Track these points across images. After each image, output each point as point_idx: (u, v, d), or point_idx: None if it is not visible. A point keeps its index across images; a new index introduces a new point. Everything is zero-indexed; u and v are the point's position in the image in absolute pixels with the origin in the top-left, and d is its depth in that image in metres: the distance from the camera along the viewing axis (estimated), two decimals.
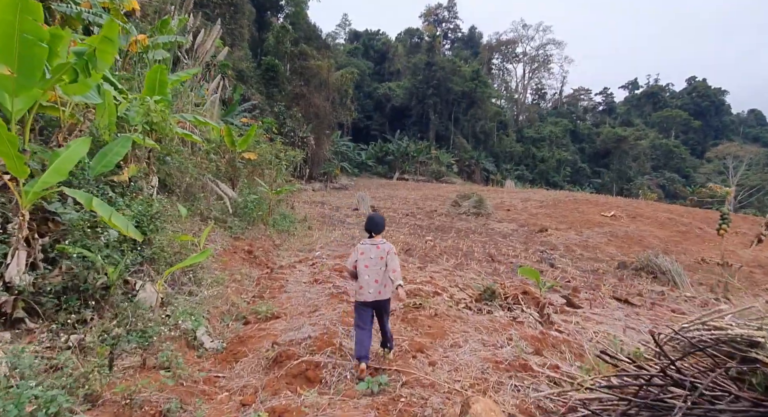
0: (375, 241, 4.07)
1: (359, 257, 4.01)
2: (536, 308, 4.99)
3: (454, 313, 4.81)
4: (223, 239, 7.13)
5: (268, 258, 7.75)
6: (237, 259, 6.76)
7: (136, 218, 4.26)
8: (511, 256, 12.72)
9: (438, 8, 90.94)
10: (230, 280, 5.74)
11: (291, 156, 13.08)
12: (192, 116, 6.37)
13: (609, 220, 22.74)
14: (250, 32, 47.18)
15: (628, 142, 75.92)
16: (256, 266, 7.06)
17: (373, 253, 3.99)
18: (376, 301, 3.94)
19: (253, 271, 6.71)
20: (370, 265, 3.95)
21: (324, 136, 40.01)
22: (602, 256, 17.13)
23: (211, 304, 4.76)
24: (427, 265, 8.99)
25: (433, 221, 21.62)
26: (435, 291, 5.76)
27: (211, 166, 8.94)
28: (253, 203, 9.03)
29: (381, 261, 3.96)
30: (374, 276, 3.93)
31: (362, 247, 4.05)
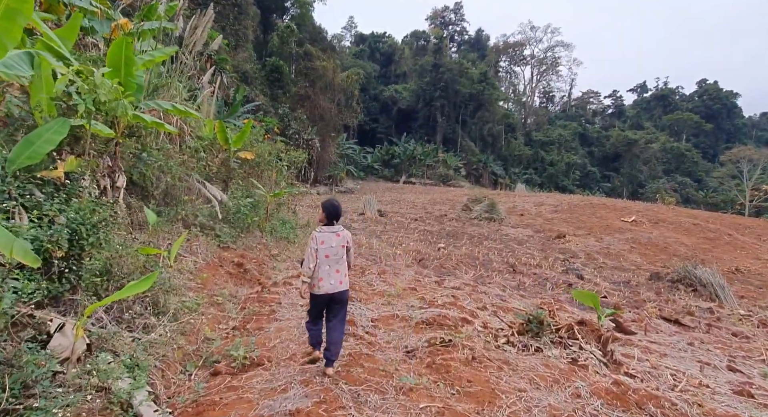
0: (334, 228, 3.77)
1: (319, 247, 3.65)
2: (597, 344, 3.88)
3: (497, 355, 3.65)
4: (208, 250, 6.09)
5: (261, 272, 6.68)
6: (222, 274, 5.69)
7: (70, 227, 3.20)
8: (532, 266, 11.57)
9: (444, 11, 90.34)
10: (208, 303, 4.66)
11: (293, 156, 12.02)
12: (170, 104, 5.32)
13: (630, 225, 21.51)
14: (254, 34, 46.48)
15: (639, 145, 74.66)
16: (246, 283, 5.99)
17: (334, 241, 3.72)
18: (338, 293, 3.71)
19: (240, 290, 5.64)
20: (331, 255, 3.68)
21: (329, 138, 39.04)
22: (627, 264, 15.94)
23: (173, 343, 3.59)
24: (444, 278, 7.88)
25: (444, 226, 20.50)
26: (463, 317, 4.66)
27: (199, 166, 7.90)
28: (248, 207, 7.97)
29: (342, 249, 3.74)
30: (335, 266, 3.70)
31: (321, 236, 3.70)
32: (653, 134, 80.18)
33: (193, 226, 6.49)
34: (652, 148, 75.45)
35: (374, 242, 12.02)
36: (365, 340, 3.92)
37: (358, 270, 7.08)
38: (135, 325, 3.54)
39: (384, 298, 5.43)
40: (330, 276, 3.67)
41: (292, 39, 37.29)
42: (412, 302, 5.14)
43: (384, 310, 4.99)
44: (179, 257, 5.32)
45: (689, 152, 78.82)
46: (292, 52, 38.07)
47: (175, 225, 6.14)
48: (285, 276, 6.95)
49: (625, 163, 75.67)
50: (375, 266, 8.01)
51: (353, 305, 5.03)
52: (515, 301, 6.38)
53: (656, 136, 79.76)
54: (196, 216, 6.66)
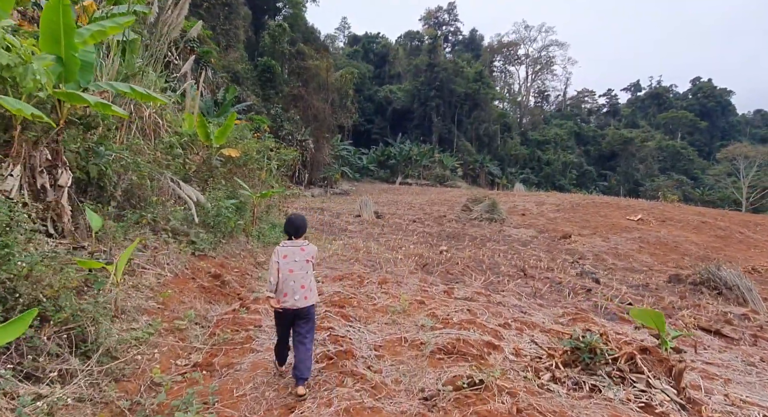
0: (297, 243, 3.72)
1: (281, 261, 3.60)
2: (668, 377, 3.03)
3: (547, 403, 2.69)
4: (179, 260, 5.18)
5: (243, 283, 5.78)
6: (192, 289, 4.77)
7: None
8: (543, 270, 10.73)
9: (438, 11, 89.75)
10: (167, 330, 3.74)
11: (284, 155, 11.12)
12: (127, 86, 4.42)
13: (636, 224, 20.75)
14: (246, 34, 45.55)
15: (635, 143, 74.35)
16: (222, 299, 5.07)
17: (297, 256, 3.64)
18: (303, 308, 3.57)
19: (213, 309, 4.71)
20: (295, 269, 3.58)
21: (323, 139, 38.11)
22: (638, 265, 15.16)
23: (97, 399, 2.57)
24: (452, 286, 7.01)
25: (444, 228, 19.67)
26: (488, 341, 3.77)
27: (175, 164, 7.00)
28: (231, 210, 7.06)
29: (307, 264, 3.66)
30: (300, 281, 3.58)
31: (284, 250, 3.64)
32: (649, 133, 79.90)
33: (163, 231, 5.59)
34: (648, 147, 75.17)
35: (372, 246, 11.14)
36: (368, 382, 3.01)
37: (355, 279, 6.21)
38: (45, 373, 2.60)
39: (388, 316, 4.54)
40: (295, 292, 3.54)
41: (284, 38, 36.38)
42: (422, 320, 4.26)
43: (389, 331, 4.08)
44: (139, 270, 4.43)
45: (685, 150, 78.58)
46: (284, 52, 37.15)
47: (141, 231, 5.25)
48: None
49: (621, 161, 75.37)
50: (375, 274, 7.15)
51: (351, 327, 4.12)
52: (537, 312, 5.52)
53: (652, 134, 79.52)
54: (167, 220, 5.77)
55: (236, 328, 4.04)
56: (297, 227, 3.74)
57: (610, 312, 6.97)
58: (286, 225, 3.80)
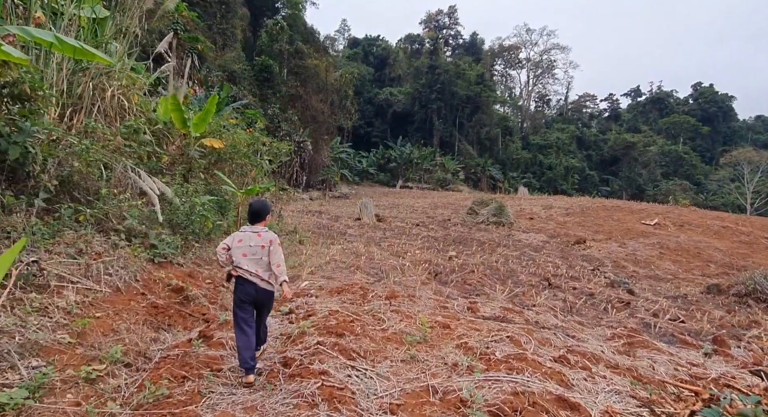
0: (256, 228, 3.60)
1: (236, 245, 3.50)
2: None
3: None
4: (129, 268, 4.00)
5: (214, 299, 4.58)
6: (136, 310, 3.55)
7: None
8: (568, 278, 9.55)
9: (438, 14, 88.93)
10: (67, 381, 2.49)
11: (276, 148, 9.92)
12: (51, 35, 3.24)
13: (653, 229, 19.60)
14: (243, 34, 44.58)
15: (637, 148, 73.39)
16: (180, 322, 3.85)
17: (253, 241, 3.53)
18: (260, 290, 3.44)
19: (163, 338, 3.50)
20: (248, 254, 3.48)
21: (322, 141, 36.99)
22: (661, 273, 14.01)
23: None
24: (474, 300, 5.82)
25: (449, 232, 18.50)
26: (559, 396, 2.55)
27: (140, 151, 5.83)
28: (208, 207, 5.86)
29: (262, 250, 3.50)
30: (254, 266, 3.46)
31: (240, 235, 3.57)
32: (651, 137, 78.98)
33: (114, 232, 4.42)
34: (650, 151, 74.24)
35: (375, 251, 9.95)
36: None
37: (357, 292, 5.01)
38: None
39: (404, 348, 3.37)
40: (249, 275, 3.45)
41: (282, 36, 35.29)
42: (453, 355, 3.06)
43: (408, 375, 2.84)
44: (56, 286, 3.22)
45: (687, 155, 77.73)
46: (282, 51, 36.07)
47: (83, 230, 4.08)
48: None
49: (623, 166, 74.45)
50: (380, 285, 5.98)
51: (353, 369, 2.88)
52: (586, 335, 4.34)
53: (654, 139, 78.60)
54: (122, 217, 4.61)
55: (183, 374, 2.81)
56: (255, 211, 3.63)
57: (665, 332, 5.78)
58: (247, 211, 3.71)
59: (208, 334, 3.65)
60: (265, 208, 3.70)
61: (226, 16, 40.65)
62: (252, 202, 3.74)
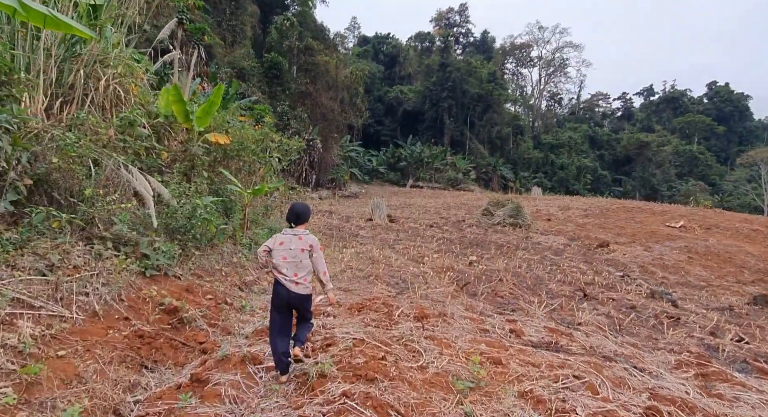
0: (297, 231, 3.59)
1: (277, 247, 3.49)
2: None
3: None
4: (113, 285, 3.33)
5: (215, 319, 3.89)
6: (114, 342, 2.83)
7: None
8: (602, 288, 8.79)
9: (449, 12, 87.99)
10: None
11: (286, 145, 9.25)
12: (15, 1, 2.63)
13: (678, 231, 18.71)
14: (253, 32, 44.06)
15: (651, 148, 71.93)
16: (170, 355, 3.14)
17: (293, 243, 3.51)
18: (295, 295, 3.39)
19: (144, 381, 2.81)
20: (288, 257, 3.46)
21: (332, 139, 36.35)
22: (693, 280, 13.21)
23: None
24: (511, 316, 5.11)
25: (464, 234, 17.78)
26: None
27: (136, 147, 5.19)
28: (211, 209, 5.19)
29: (302, 253, 3.49)
30: (293, 269, 3.43)
31: (282, 237, 3.58)
32: (665, 137, 77.44)
33: (99, 240, 3.77)
34: (664, 151, 72.74)
35: (392, 256, 9.26)
36: None
37: (381, 311, 4.32)
38: None
39: (453, 399, 2.61)
40: (288, 280, 3.39)
41: (292, 33, 34.66)
42: (519, 411, 2.37)
43: None
44: (13, 316, 2.54)
45: (702, 155, 76.10)
46: (292, 47, 35.44)
47: (61, 238, 3.43)
48: (253, 329, 3.99)
49: (637, 166, 73.10)
50: (404, 298, 5.30)
51: None
52: (663, 374, 3.61)
53: (668, 138, 77.07)
54: (111, 223, 3.97)
55: None
56: (297, 214, 3.63)
57: (734, 357, 5.02)
58: (288, 212, 3.69)
59: (202, 377, 2.88)
60: (307, 210, 3.72)
61: (236, 13, 40.15)
62: (294, 203, 3.75)
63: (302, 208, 3.70)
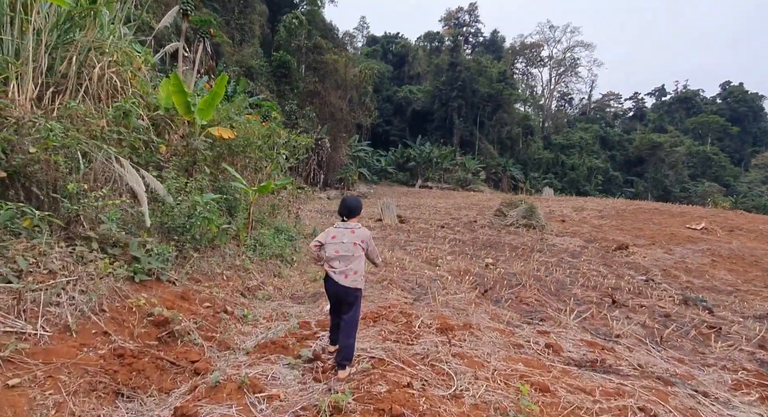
0: (349, 225, 3.58)
1: (329, 241, 3.52)
2: None
3: None
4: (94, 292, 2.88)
5: (213, 331, 3.42)
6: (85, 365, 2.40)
7: None
8: (632, 295, 8.24)
9: (458, 11, 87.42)
10: None
11: (294, 141, 8.80)
12: None
13: (700, 234, 18.01)
14: (261, 31, 43.80)
15: (664, 148, 70.77)
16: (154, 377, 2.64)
17: (346, 237, 3.51)
18: (344, 288, 3.42)
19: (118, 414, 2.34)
20: (341, 251, 3.47)
21: (340, 138, 35.92)
22: (719, 284, 12.55)
23: None
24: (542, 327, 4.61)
25: (477, 235, 17.24)
26: None
27: (130, 139, 4.75)
28: (212, 208, 4.74)
29: (354, 247, 3.48)
30: (346, 262, 3.45)
31: (334, 231, 3.56)
32: (678, 137, 76.19)
33: (82, 241, 3.33)
34: (677, 152, 71.54)
35: (404, 258, 8.78)
36: None
37: (399, 322, 3.82)
38: None
39: None
40: (338, 272, 3.41)
41: (301, 31, 34.29)
42: None
43: None
44: None
45: (716, 156, 74.75)
46: (300, 46, 35.08)
47: (38, 238, 3.01)
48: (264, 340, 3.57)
49: (649, 167, 72.00)
50: (422, 305, 4.81)
51: None
52: (733, 401, 3.10)
53: (681, 139, 75.82)
54: (98, 221, 3.54)
55: None
56: (350, 208, 3.62)
57: None
58: (339, 206, 3.72)
59: (189, 412, 2.33)
60: (359, 204, 3.75)
61: (244, 11, 39.92)
62: (345, 197, 3.75)
63: (354, 202, 3.72)
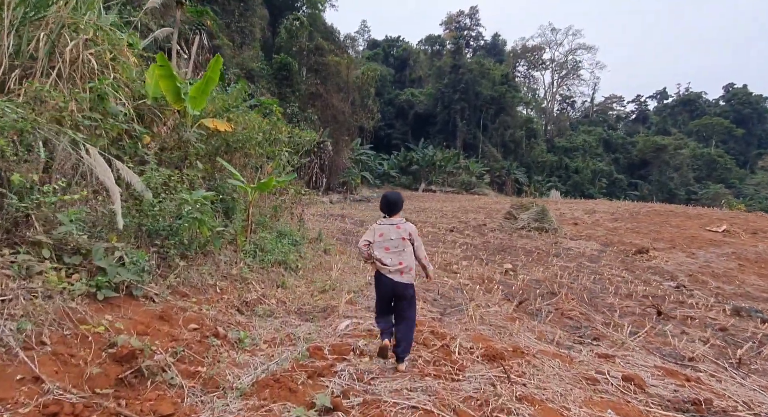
0: (393, 220, 3.58)
1: (377, 239, 3.48)
2: None
3: None
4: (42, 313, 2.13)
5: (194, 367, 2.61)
6: None
7: None
8: (676, 304, 7.44)
9: (459, 15, 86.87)
10: None
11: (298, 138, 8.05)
12: None
13: (722, 236, 17.23)
14: (262, 34, 43.27)
15: (668, 151, 70.07)
16: None
17: (393, 234, 3.50)
18: (400, 284, 3.43)
19: None
20: (390, 248, 3.46)
21: (343, 142, 35.18)
22: (753, 291, 11.78)
23: None
24: (598, 348, 3.83)
25: (488, 239, 16.49)
26: None
27: (105, 125, 4.00)
28: (203, 207, 3.96)
29: (403, 242, 3.49)
30: (397, 258, 3.44)
31: (380, 228, 3.52)
32: (682, 140, 75.48)
33: (30, 246, 2.57)
34: (682, 155, 70.81)
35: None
36: None
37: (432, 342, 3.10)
38: None
39: None
40: (393, 270, 3.39)
41: (302, 33, 33.65)
42: None
43: None
44: None
45: (721, 158, 73.95)
46: (302, 48, 34.45)
47: None
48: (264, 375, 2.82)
49: (653, 170, 71.27)
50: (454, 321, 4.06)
51: None
52: None
53: (685, 141, 75.10)
54: (54, 222, 2.78)
55: None
56: (392, 203, 3.61)
57: None
58: (381, 202, 3.68)
59: None
60: (400, 198, 3.71)
61: (245, 14, 39.37)
62: (386, 193, 3.70)
63: (395, 197, 3.68)
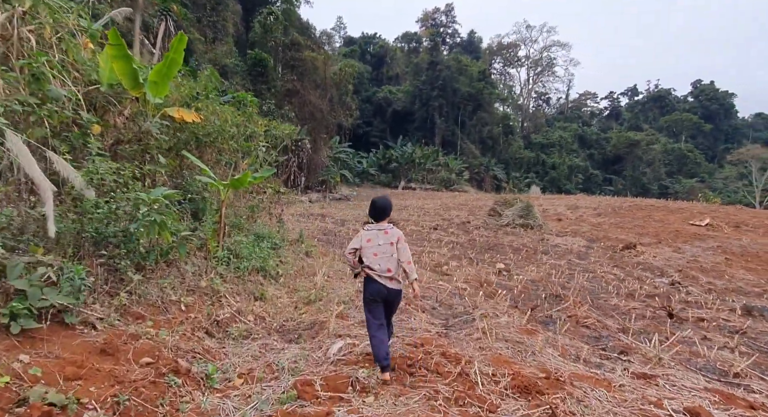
0: (381, 226, 3.55)
1: (365, 245, 3.46)
2: None
3: None
4: None
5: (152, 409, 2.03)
6: None
7: None
8: (683, 304, 7.05)
9: (435, 12, 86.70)
10: None
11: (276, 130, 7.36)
12: None
13: (705, 230, 17.20)
14: (236, 30, 42.04)
15: (641, 147, 71.61)
16: None
17: (381, 239, 3.47)
18: (391, 290, 3.39)
19: None
20: (379, 253, 3.41)
21: (321, 140, 34.36)
22: (743, 285, 11.61)
23: None
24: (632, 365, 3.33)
25: (473, 236, 16.06)
26: None
27: (41, 112, 3.30)
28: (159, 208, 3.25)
29: (391, 247, 3.45)
30: (386, 264, 3.40)
31: (368, 234, 3.51)
32: (653, 135, 77.22)
33: None
34: (654, 150, 72.45)
35: None
36: None
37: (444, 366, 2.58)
38: None
39: None
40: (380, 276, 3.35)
41: (277, 27, 32.66)
42: None
43: None
44: None
45: (691, 153, 75.94)
46: (277, 43, 33.46)
47: None
48: None
49: (627, 165, 72.65)
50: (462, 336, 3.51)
51: None
52: None
53: (657, 137, 76.85)
54: None
55: None
56: (380, 208, 3.56)
57: None
58: (369, 208, 3.66)
59: None
60: (389, 204, 3.64)
61: (217, 8, 38.12)
62: (375, 199, 3.64)
63: (383, 202, 3.61)
